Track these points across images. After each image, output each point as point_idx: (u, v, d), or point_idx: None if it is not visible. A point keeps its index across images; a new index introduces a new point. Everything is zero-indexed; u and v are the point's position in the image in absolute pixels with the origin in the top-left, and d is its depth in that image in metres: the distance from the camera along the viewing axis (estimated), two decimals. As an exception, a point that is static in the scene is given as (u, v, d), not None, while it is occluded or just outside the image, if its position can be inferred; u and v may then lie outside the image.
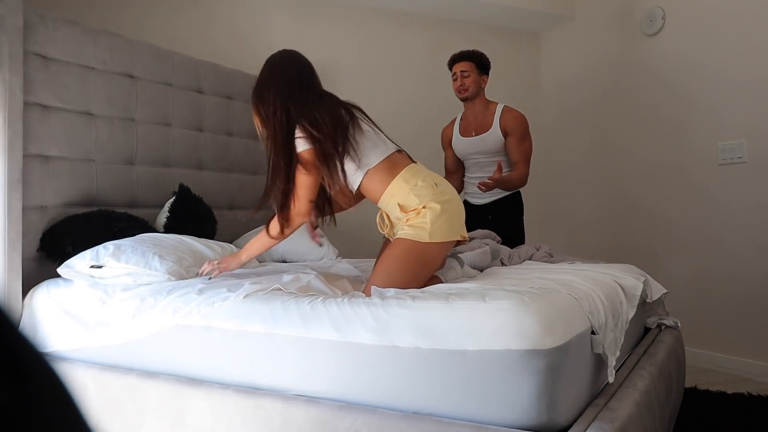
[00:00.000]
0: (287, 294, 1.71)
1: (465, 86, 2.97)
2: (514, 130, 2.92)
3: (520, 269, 2.12)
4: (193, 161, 2.97)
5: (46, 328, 2.07)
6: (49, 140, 2.30)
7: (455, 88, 3.02)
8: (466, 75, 2.97)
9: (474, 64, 2.98)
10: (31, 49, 2.23)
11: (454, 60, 3.03)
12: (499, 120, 2.95)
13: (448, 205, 1.89)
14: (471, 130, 3.03)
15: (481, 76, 3.00)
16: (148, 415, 1.76)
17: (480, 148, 2.99)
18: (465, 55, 3.00)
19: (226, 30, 3.47)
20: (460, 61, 2.99)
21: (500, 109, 2.98)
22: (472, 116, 3.04)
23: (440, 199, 1.88)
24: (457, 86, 3.00)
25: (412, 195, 1.88)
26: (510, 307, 1.36)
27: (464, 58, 2.99)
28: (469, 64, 2.98)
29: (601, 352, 1.54)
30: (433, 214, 1.84)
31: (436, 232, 1.83)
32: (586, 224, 4.13)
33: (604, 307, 1.62)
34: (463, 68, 2.97)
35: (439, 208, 1.85)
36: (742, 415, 2.42)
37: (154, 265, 2.02)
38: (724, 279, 3.25)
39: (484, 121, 2.99)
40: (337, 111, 1.95)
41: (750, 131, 3.15)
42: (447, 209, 1.87)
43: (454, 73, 3.00)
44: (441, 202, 1.87)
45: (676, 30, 3.51)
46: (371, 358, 1.48)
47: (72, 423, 0.33)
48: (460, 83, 2.98)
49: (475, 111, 3.02)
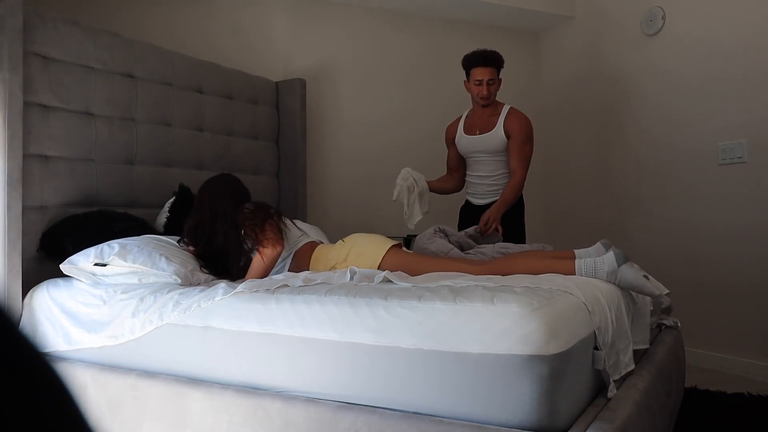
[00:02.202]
0: (286, 293, 1.71)
1: (490, 94, 2.89)
2: (517, 133, 2.89)
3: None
4: (193, 161, 2.97)
5: (46, 328, 2.07)
6: (49, 140, 2.30)
7: (477, 94, 2.90)
8: (492, 83, 2.88)
9: (497, 70, 2.90)
10: (31, 49, 2.23)
11: (477, 62, 2.87)
12: (504, 121, 2.92)
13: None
14: (475, 128, 3.00)
15: (499, 80, 2.95)
16: (148, 415, 1.76)
17: (482, 146, 2.98)
18: (489, 59, 2.86)
19: (226, 30, 3.47)
20: (485, 66, 2.86)
21: (506, 110, 2.95)
22: (478, 115, 3.01)
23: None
24: (481, 93, 2.88)
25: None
26: (516, 312, 1.35)
27: (489, 63, 2.86)
28: (495, 71, 2.88)
29: (602, 369, 1.53)
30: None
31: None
32: (586, 224, 4.13)
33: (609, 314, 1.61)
34: (490, 76, 2.86)
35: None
36: (742, 415, 2.42)
37: (162, 265, 2.03)
38: (724, 279, 3.25)
39: (489, 121, 2.96)
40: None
41: (750, 131, 3.15)
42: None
43: (479, 79, 2.87)
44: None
45: (676, 30, 3.51)
46: (372, 358, 1.48)
47: (72, 423, 0.33)
48: (486, 91, 2.87)
49: (483, 111, 2.99)
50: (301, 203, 3.52)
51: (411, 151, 3.88)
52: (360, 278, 1.81)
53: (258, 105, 3.41)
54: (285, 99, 3.54)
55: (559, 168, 4.39)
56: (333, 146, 3.84)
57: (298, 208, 3.49)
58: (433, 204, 2.98)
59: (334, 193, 3.82)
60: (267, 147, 3.48)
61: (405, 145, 3.92)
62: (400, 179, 2.81)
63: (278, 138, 3.58)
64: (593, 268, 1.82)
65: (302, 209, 3.52)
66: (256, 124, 3.39)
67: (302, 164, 3.54)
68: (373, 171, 3.86)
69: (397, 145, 3.92)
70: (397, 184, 2.80)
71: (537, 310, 1.35)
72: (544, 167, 4.44)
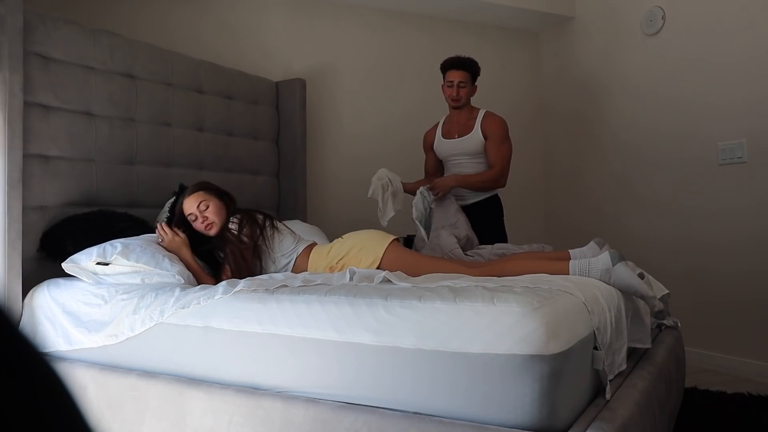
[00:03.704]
0: (286, 293, 1.71)
1: (460, 96, 3.00)
2: (494, 134, 2.98)
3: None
4: (193, 161, 2.97)
5: (46, 328, 2.07)
6: (49, 140, 2.30)
7: (449, 95, 3.04)
8: (463, 86, 3.00)
9: (470, 74, 3.01)
10: (31, 49, 2.23)
11: (450, 66, 3.03)
12: (481, 124, 3.01)
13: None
14: (453, 132, 3.10)
15: (473, 86, 3.06)
16: (148, 415, 1.76)
17: (461, 149, 3.06)
18: (463, 63, 3.00)
19: (226, 30, 3.47)
20: (458, 69, 3.00)
21: (482, 114, 3.05)
22: (455, 120, 3.11)
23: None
24: (452, 95, 3.01)
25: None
26: (516, 312, 1.35)
27: (462, 67, 3.00)
28: (466, 74, 3.00)
29: (601, 369, 1.53)
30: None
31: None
32: (586, 224, 4.13)
33: (608, 314, 1.61)
34: (460, 78, 2.99)
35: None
36: (742, 415, 2.42)
37: (165, 265, 2.04)
38: (724, 279, 3.25)
39: (466, 124, 3.06)
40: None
41: (750, 131, 3.15)
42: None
43: (451, 81, 3.01)
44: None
45: (676, 30, 3.51)
46: (372, 358, 1.48)
47: (72, 423, 0.33)
48: (456, 93, 3.00)
49: (460, 116, 3.09)
50: (301, 203, 3.53)
51: (411, 151, 3.87)
52: (360, 278, 1.82)
53: (258, 105, 3.41)
54: (285, 99, 3.54)
55: (559, 168, 4.38)
56: (333, 146, 3.84)
57: (298, 208, 3.50)
58: (409, 204, 2.99)
59: (334, 193, 3.82)
60: (267, 147, 3.48)
61: (405, 146, 3.91)
62: (376, 178, 2.88)
63: (278, 138, 3.58)
64: (586, 269, 1.83)
65: (302, 209, 3.52)
66: (256, 125, 3.39)
67: (302, 164, 3.54)
68: (373, 171, 3.84)
69: (397, 146, 3.92)
70: (373, 182, 2.87)
71: (537, 310, 1.35)
72: (544, 167, 4.45)
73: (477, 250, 2.55)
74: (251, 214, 2.31)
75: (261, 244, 2.26)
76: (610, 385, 1.54)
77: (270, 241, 2.28)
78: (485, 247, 2.57)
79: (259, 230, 2.26)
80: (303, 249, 2.34)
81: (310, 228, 2.92)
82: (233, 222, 2.25)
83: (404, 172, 2.99)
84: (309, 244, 2.39)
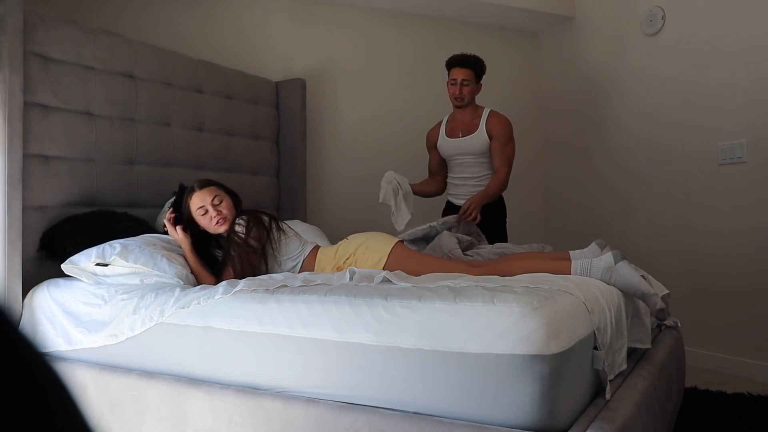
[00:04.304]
0: (286, 293, 1.71)
1: (463, 95, 2.97)
2: (499, 134, 2.96)
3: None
4: (193, 161, 2.97)
5: (46, 328, 2.07)
6: (49, 140, 2.30)
7: (452, 93, 3.00)
8: (466, 84, 2.96)
9: (474, 73, 2.97)
10: (31, 49, 2.23)
11: (454, 63, 2.99)
12: (486, 123, 2.99)
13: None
14: (458, 131, 3.07)
15: (477, 84, 3.02)
16: (148, 415, 1.76)
17: (465, 148, 3.03)
18: (467, 61, 2.97)
19: (226, 30, 3.47)
20: (462, 66, 2.96)
21: (487, 113, 3.03)
22: (459, 119, 3.08)
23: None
24: (454, 93, 2.98)
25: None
26: (517, 312, 1.35)
27: (466, 65, 2.96)
28: (470, 72, 2.96)
29: (601, 369, 1.53)
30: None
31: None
32: (586, 223, 4.13)
33: (609, 314, 1.62)
34: (464, 77, 2.95)
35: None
36: (742, 415, 2.42)
37: (163, 267, 2.04)
38: (724, 279, 3.24)
39: (471, 123, 3.03)
40: None
41: (750, 131, 3.15)
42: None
43: (454, 78, 2.97)
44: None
45: (676, 30, 3.51)
46: (372, 358, 1.48)
47: (72, 423, 0.33)
48: (459, 91, 2.96)
49: (464, 114, 3.06)
50: (301, 203, 3.53)
51: (411, 151, 3.88)
52: (359, 278, 1.82)
53: (258, 105, 3.41)
54: (285, 99, 3.54)
55: (558, 168, 4.38)
56: (333, 146, 3.84)
57: (298, 208, 3.50)
58: (417, 205, 3.00)
59: (334, 193, 3.82)
60: (267, 147, 3.48)
61: (405, 146, 3.91)
62: (385, 182, 2.85)
63: (278, 138, 3.58)
64: (588, 269, 1.83)
65: (302, 209, 3.52)
66: (256, 124, 3.39)
67: (302, 164, 3.54)
68: (373, 171, 3.85)
69: (398, 145, 3.92)
70: (383, 186, 2.85)
71: (537, 309, 1.35)
72: (544, 167, 4.45)
73: (476, 250, 2.55)
74: (257, 215, 2.27)
75: (267, 246, 2.23)
76: (610, 385, 1.54)
77: (276, 244, 2.25)
78: (485, 247, 2.57)
79: (266, 233, 2.23)
80: (309, 251, 2.33)
81: (310, 228, 2.92)
82: (239, 224, 2.21)
83: (404, 172, 2.99)
84: (314, 246, 2.38)
